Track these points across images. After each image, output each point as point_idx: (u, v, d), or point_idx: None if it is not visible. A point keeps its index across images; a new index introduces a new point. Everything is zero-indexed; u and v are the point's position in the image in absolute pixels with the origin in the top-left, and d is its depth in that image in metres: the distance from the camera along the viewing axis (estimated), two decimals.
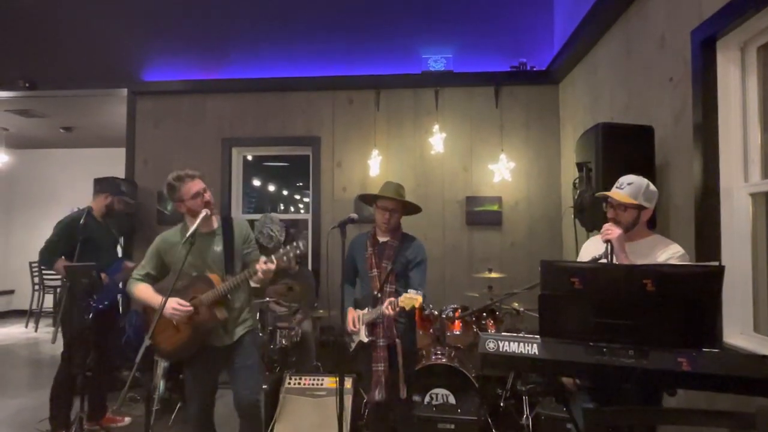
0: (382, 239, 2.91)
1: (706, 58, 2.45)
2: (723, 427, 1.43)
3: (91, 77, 5.52)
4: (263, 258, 2.46)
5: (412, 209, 2.98)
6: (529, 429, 3.28)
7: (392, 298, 2.61)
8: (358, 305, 2.91)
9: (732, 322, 2.34)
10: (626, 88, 3.40)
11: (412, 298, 2.49)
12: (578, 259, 2.43)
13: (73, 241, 3.46)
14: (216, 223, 2.71)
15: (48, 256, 3.47)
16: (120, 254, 3.86)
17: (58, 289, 5.50)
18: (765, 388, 1.43)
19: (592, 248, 2.31)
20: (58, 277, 3.89)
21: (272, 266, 2.44)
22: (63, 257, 3.46)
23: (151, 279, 2.64)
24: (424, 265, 2.86)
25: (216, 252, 2.63)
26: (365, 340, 2.76)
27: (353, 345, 2.88)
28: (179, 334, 2.54)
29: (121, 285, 3.74)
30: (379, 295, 2.75)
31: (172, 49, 5.50)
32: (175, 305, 2.44)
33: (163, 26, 5.49)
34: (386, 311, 2.58)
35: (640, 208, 2.13)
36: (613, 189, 2.18)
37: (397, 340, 2.75)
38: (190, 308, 2.47)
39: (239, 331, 2.65)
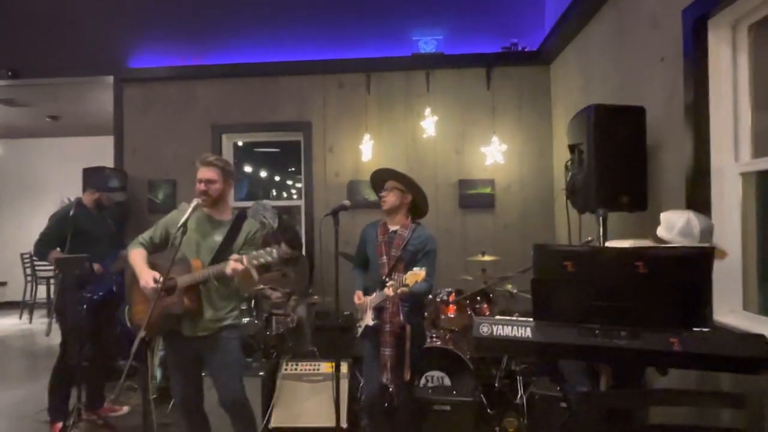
0: (392, 228, 2.92)
1: (698, 37, 2.44)
2: (714, 408, 1.46)
3: (76, 65, 5.41)
4: (235, 255, 2.40)
5: (416, 197, 2.95)
6: (524, 408, 3.33)
7: (393, 282, 2.62)
8: (366, 292, 2.94)
9: (722, 300, 2.36)
10: (618, 68, 3.38)
11: (415, 274, 2.50)
12: None
13: (66, 233, 3.45)
14: (229, 215, 2.70)
15: (42, 248, 3.47)
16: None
17: (52, 281, 5.44)
18: (754, 367, 1.46)
19: None
20: (52, 268, 3.87)
21: (240, 266, 2.33)
22: (58, 249, 3.45)
23: (153, 245, 2.63)
24: (433, 255, 2.87)
25: (214, 240, 2.61)
26: (371, 323, 2.79)
27: (360, 330, 2.91)
28: (152, 309, 2.47)
29: (116, 276, 3.72)
30: (387, 279, 2.77)
31: (158, 35, 5.40)
32: (150, 279, 2.44)
33: (149, 11, 5.38)
34: (388, 292, 2.59)
35: None
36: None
37: (407, 326, 2.78)
38: (157, 286, 2.39)
39: (214, 326, 2.57)
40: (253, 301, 3.97)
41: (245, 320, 3.93)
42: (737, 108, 2.37)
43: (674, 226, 2.08)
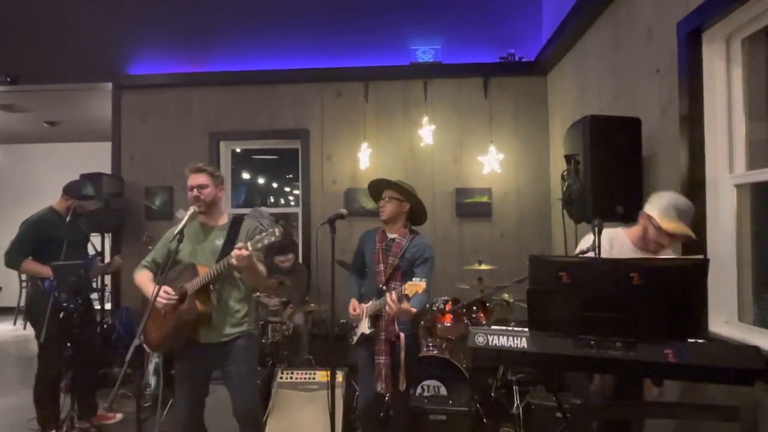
0: (390, 235, 2.92)
1: (692, 49, 2.46)
2: (708, 420, 1.46)
3: (75, 71, 5.43)
4: (240, 243, 2.37)
5: (414, 205, 2.96)
6: (520, 418, 3.32)
7: (395, 290, 2.60)
8: (362, 299, 2.93)
9: (717, 311, 2.38)
10: (614, 79, 3.41)
11: (415, 285, 2.48)
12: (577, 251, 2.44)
13: (39, 241, 3.37)
14: (226, 219, 2.71)
15: (13, 257, 3.36)
16: (92, 252, 3.79)
17: (24, 289, 5.34)
18: (748, 378, 1.46)
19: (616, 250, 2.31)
20: (23, 276, 3.82)
21: (245, 252, 2.31)
22: (30, 258, 3.37)
23: (157, 266, 2.62)
24: (430, 264, 2.86)
25: (215, 245, 2.60)
26: (367, 331, 2.78)
27: (355, 338, 2.90)
28: (165, 324, 2.49)
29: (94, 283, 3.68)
30: (384, 288, 2.77)
31: (157, 42, 5.42)
32: (162, 293, 2.41)
33: (148, 19, 5.40)
34: (389, 300, 2.56)
35: None
36: (677, 221, 2.08)
37: (401, 334, 2.77)
38: (176, 296, 2.42)
39: (230, 331, 2.56)
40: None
41: None
42: (732, 120, 2.39)
43: (651, 202, 2.18)
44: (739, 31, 2.32)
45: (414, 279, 2.51)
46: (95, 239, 4.25)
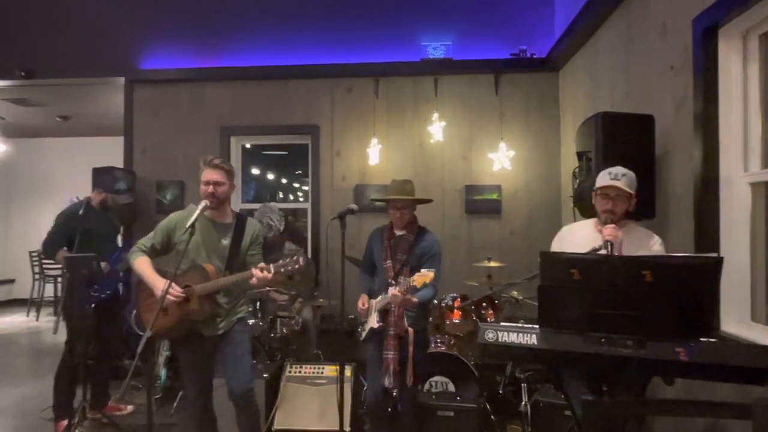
0: (398, 233, 2.95)
1: (708, 46, 2.43)
2: (720, 418, 1.45)
3: (88, 66, 5.47)
4: (262, 264, 2.47)
5: (423, 201, 3.00)
6: (528, 416, 3.31)
7: (399, 284, 2.63)
8: (372, 296, 2.95)
9: (729, 311, 2.35)
10: (627, 76, 3.38)
11: (423, 275, 2.50)
12: (552, 246, 2.46)
13: (73, 232, 3.49)
14: (231, 217, 2.73)
15: (50, 247, 3.52)
16: (121, 244, 3.88)
17: (59, 280, 5.46)
18: (761, 378, 1.45)
19: (574, 237, 2.33)
20: (59, 266, 3.91)
21: (269, 275, 2.44)
22: (65, 248, 3.49)
23: (155, 252, 2.65)
24: (438, 259, 2.89)
25: (222, 244, 2.65)
26: (375, 326, 2.79)
27: (364, 334, 2.93)
28: (166, 316, 2.51)
29: (122, 274, 3.76)
30: (393, 282, 2.78)
31: (169, 37, 5.45)
32: (170, 290, 2.43)
33: (161, 14, 5.43)
34: (394, 292, 2.60)
35: (632, 197, 2.17)
36: (608, 180, 2.19)
37: (409, 329, 2.79)
38: (181, 296, 2.46)
39: (230, 321, 2.67)
40: (258, 303, 3.98)
41: (251, 322, 3.95)
42: (747, 118, 2.35)
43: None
44: (757, 27, 2.28)
45: (422, 269, 2.53)
46: None
